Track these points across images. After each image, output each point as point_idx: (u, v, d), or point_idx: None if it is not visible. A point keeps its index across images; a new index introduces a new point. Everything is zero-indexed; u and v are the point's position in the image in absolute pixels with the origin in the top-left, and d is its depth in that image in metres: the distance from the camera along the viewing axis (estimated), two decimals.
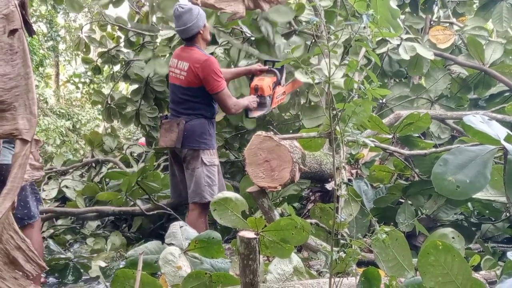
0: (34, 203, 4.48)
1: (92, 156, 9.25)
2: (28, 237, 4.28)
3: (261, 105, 5.69)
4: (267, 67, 5.95)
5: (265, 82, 5.73)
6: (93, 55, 11.14)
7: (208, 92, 5.30)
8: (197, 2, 5.19)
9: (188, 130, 5.32)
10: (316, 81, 3.08)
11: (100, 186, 7.13)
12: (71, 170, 8.82)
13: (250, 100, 5.65)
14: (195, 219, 5.14)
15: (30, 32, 1.93)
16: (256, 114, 5.76)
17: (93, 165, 9.04)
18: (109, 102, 9.30)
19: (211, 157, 5.36)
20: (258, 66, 5.98)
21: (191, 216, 5.29)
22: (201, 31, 5.39)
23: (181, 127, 5.30)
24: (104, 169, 8.51)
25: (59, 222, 6.99)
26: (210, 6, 5.07)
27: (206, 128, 5.36)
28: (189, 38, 5.43)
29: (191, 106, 5.37)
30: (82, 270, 5.39)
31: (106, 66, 10.01)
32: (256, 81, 5.82)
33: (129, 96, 9.35)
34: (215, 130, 5.58)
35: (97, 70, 9.85)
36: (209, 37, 5.60)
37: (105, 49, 9.38)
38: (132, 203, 6.38)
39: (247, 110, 5.70)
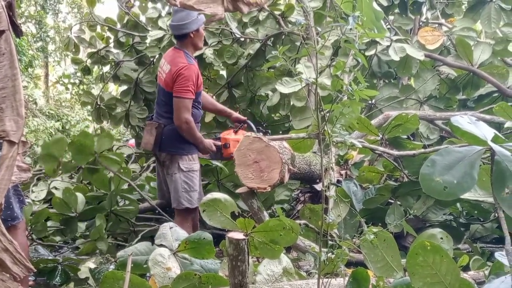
0: (17, 204, 4.40)
1: None
2: (14, 238, 4.27)
3: (215, 153, 5.57)
4: (245, 118, 5.83)
5: (226, 135, 5.64)
6: (82, 55, 11.10)
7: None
8: (176, 3, 5.17)
9: (166, 135, 5.26)
10: (303, 84, 3.08)
11: (89, 188, 7.09)
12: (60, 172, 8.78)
13: (205, 144, 5.40)
14: (180, 223, 5.08)
15: (18, 33, 1.92)
16: (204, 156, 5.66)
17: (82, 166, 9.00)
18: (98, 103, 9.28)
19: (189, 163, 5.28)
20: (237, 116, 5.87)
21: (176, 220, 5.26)
22: (192, 35, 5.32)
23: (159, 131, 5.24)
24: None
25: (49, 223, 6.96)
26: (189, 7, 5.03)
27: None
28: (179, 38, 5.39)
29: (170, 110, 5.26)
30: (70, 273, 5.38)
31: (96, 67, 9.97)
32: (232, 136, 5.62)
33: (119, 97, 9.33)
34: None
35: (86, 71, 9.82)
36: (200, 45, 5.48)
37: (95, 50, 9.36)
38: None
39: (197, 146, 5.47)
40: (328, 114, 2.73)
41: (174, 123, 5.22)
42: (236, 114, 5.89)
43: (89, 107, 9.81)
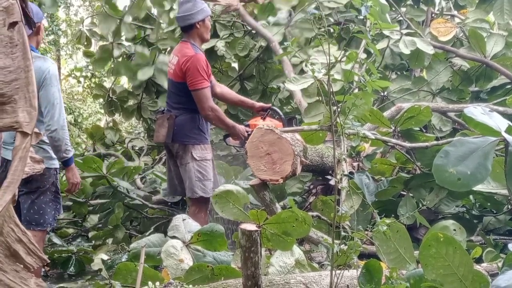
0: (52, 212, 4.42)
1: (94, 150, 9.26)
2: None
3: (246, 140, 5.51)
4: (269, 105, 5.85)
5: (257, 121, 5.56)
6: (94, 48, 11.11)
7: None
8: None
9: (178, 125, 5.28)
10: (318, 75, 3.07)
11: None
12: None
13: (239, 128, 5.37)
14: (194, 214, 5.11)
15: (31, 25, 1.93)
16: (234, 143, 5.66)
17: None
18: (110, 95, 9.30)
19: (202, 152, 5.29)
20: (261, 104, 5.86)
21: (190, 211, 5.29)
22: (198, 25, 5.33)
23: (171, 122, 5.27)
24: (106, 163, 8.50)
25: (61, 216, 6.99)
26: None
27: (196, 123, 5.29)
28: (185, 29, 5.41)
29: (180, 101, 5.33)
30: (84, 263, 5.42)
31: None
32: (260, 122, 5.46)
33: (131, 90, 9.35)
34: (208, 123, 5.49)
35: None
36: (206, 36, 5.50)
37: (106, 42, 9.37)
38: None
39: (228, 135, 5.55)
40: (340, 106, 2.72)
41: (185, 113, 5.28)
42: (259, 104, 5.90)
43: (101, 100, 9.81)
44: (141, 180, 7.49)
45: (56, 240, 5.81)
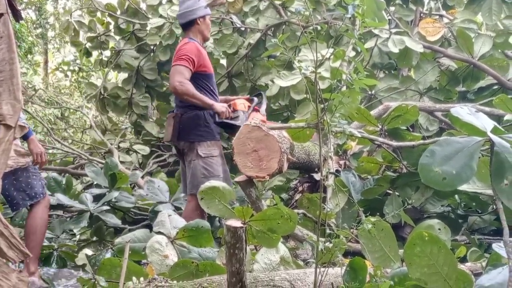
0: (39, 182, 4.64)
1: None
2: (34, 214, 4.40)
3: (234, 118, 5.38)
4: (247, 96, 5.85)
5: (238, 100, 5.56)
6: (82, 39, 11.08)
7: (197, 83, 5.26)
8: None
9: (184, 123, 5.30)
10: (306, 72, 3.08)
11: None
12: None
13: (216, 104, 5.31)
14: (191, 210, 5.08)
15: (17, 17, 1.91)
16: (226, 120, 5.34)
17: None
18: (102, 93, 9.28)
19: (208, 149, 5.27)
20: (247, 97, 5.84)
21: (187, 208, 5.25)
22: (199, 22, 5.38)
23: (176, 121, 5.29)
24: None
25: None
26: None
27: (201, 120, 5.28)
28: (186, 26, 5.44)
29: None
30: (67, 259, 5.39)
31: (95, 52, 9.96)
32: (241, 101, 5.58)
33: (120, 85, 9.35)
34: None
35: (87, 54, 9.82)
36: (207, 34, 5.54)
37: (94, 34, 9.35)
38: None
39: (216, 114, 5.35)
40: (327, 104, 2.72)
41: (190, 110, 5.29)
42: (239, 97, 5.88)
43: (87, 93, 9.80)
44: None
45: None
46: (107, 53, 9.79)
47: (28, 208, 4.63)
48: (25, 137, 4.48)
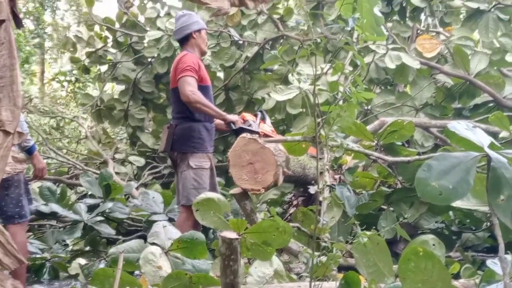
0: (27, 203, 4.59)
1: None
2: (14, 236, 4.31)
3: (248, 126, 5.49)
4: (254, 113, 5.89)
5: (245, 113, 5.65)
6: (80, 54, 11.11)
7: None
8: None
9: (177, 134, 5.33)
10: (304, 85, 3.09)
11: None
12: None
13: (227, 114, 5.47)
14: (182, 221, 5.10)
15: (18, 24, 1.91)
16: (244, 126, 5.44)
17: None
18: (99, 104, 9.30)
19: (199, 160, 5.30)
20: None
21: (179, 219, 5.28)
22: (195, 35, 5.44)
23: (171, 131, 5.34)
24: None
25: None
26: (196, 0, 5.10)
27: (195, 131, 5.30)
28: (182, 41, 5.52)
29: (180, 110, 5.38)
30: (59, 270, 5.37)
31: (94, 66, 10.01)
32: (248, 116, 5.61)
33: (117, 97, 9.37)
34: (210, 133, 5.48)
35: (85, 70, 9.86)
36: (203, 47, 5.58)
37: (93, 49, 9.37)
38: None
39: (232, 123, 5.40)
40: (324, 117, 2.73)
41: (184, 122, 5.33)
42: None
43: (83, 102, 9.85)
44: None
45: (30, 248, 5.76)
46: (105, 67, 9.82)
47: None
48: (29, 152, 4.61)
